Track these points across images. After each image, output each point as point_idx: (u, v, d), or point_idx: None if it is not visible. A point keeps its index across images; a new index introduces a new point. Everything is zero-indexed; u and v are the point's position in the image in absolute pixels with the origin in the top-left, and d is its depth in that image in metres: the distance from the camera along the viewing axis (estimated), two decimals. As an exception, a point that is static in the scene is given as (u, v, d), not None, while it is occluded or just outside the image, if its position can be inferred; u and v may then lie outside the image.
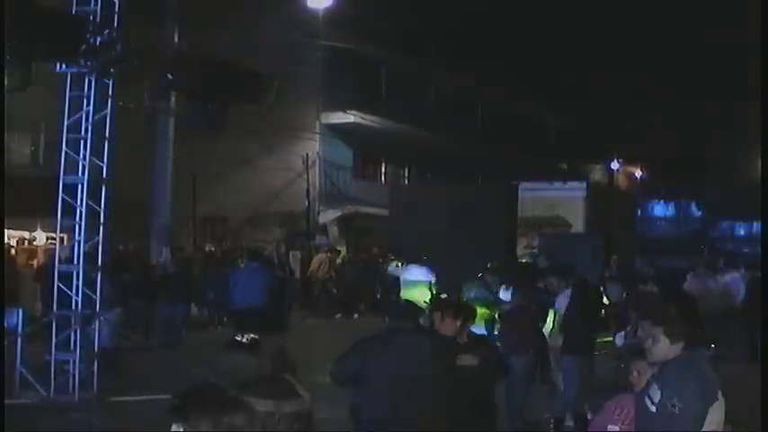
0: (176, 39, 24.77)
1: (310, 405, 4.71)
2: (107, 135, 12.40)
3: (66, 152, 12.31)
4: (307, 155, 32.59)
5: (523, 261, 22.36)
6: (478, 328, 11.25)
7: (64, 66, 11.99)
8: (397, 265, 20.73)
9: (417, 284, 16.03)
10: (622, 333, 10.31)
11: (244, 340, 4.82)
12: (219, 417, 2.89)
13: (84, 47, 11.24)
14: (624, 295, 12.05)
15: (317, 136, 33.38)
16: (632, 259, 25.03)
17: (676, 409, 4.99)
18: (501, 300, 13.32)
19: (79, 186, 12.24)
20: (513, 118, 43.88)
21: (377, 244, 28.89)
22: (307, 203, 31.75)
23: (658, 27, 48.75)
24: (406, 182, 39.30)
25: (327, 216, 32.91)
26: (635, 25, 48.15)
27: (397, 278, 18.45)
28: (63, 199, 12.23)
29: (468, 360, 7.35)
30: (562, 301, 11.34)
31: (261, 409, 4.46)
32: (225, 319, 20.85)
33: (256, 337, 4.89)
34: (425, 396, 6.29)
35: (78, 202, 12.21)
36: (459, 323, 7.61)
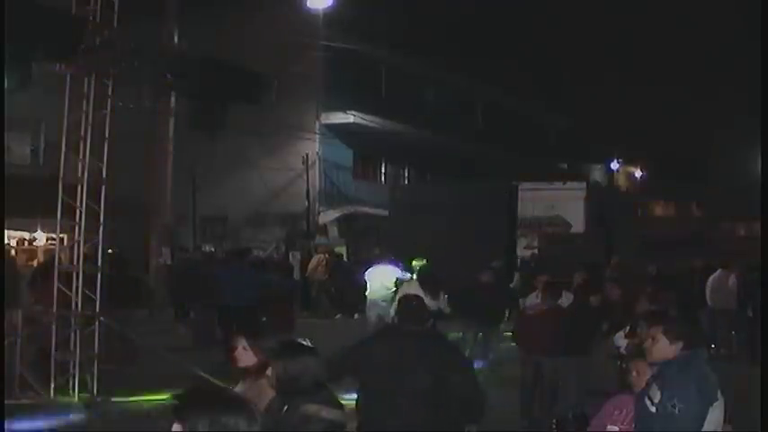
0: (176, 39, 24.79)
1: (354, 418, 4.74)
2: (107, 135, 12.39)
3: (65, 152, 12.30)
4: (306, 155, 32.59)
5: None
6: None
7: (64, 66, 11.98)
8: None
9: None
10: (621, 333, 10.30)
11: (307, 343, 4.84)
12: (217, 417, 2.90)
13: (84, 47, 11.23)
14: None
15: (317, 136, 33.36)
16: (632, 259, 25.01)
17: (676, 409, 4.99)
18: None
19: (79, 186, 12.23)
20: (514, 118, 43.86)
21: (377, 244, 28.88)
22: (306, 204, 31.75)
23: (659, 27, 48.76)
24: (406, 182, 39.28)
25: (327, 216, 32.89)
26: (636, 25, 48.16)
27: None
28: (63, 199, 12.22)
29: None
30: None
31: (328, 417, 4.52)
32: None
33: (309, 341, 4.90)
34: (438, 400, 6.13)
35: (78, 203, 12.20)
36: None
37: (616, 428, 5.88)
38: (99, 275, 12.51)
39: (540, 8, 41.84)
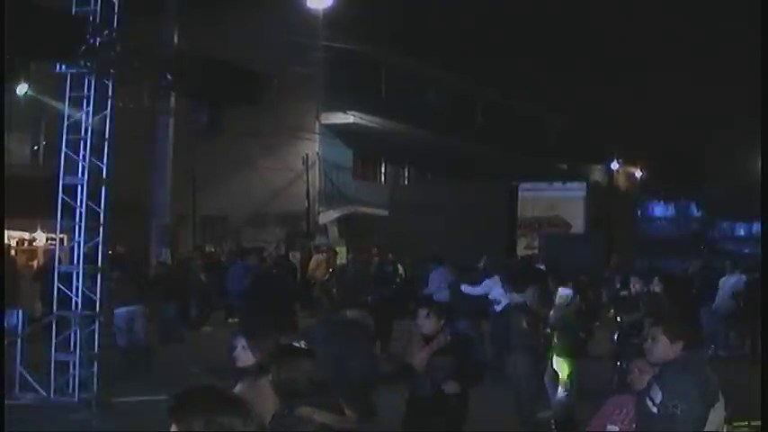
0: (176, 39, 24.78)
1: (355, 424, 4.71)
2: (107, 135, 12.39)
3: (65, 152, 12.29)
4: (306, 155, 32.57)
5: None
6: None
7: (64, 66, 11.97)
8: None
9: None
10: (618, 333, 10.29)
11: (302, 346, 4.83)
12: (213, 417, 2.89)
13: (84, 47, 11.22)
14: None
15: (317, 136, 33.35)
16: (632, 259, 25.01)
17: (678, 409, 4.98)
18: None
19: (79, 187, 12.22)
20: (513, 118, 43.86)
21: (376, 244, 28.88)
22: (306, 204, 31.74)
23: (659, 26, 48.77)
24: (406, 182, 39.27)
25: (327, 216, 32.88)
26: (635, 25, 48.18)
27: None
28: (63, 200, 12.21)
29: (452, 388, 7.41)
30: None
31: (320, 420, 4.50)
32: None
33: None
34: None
35: (78, 203, 12.20)
36: (441, 322, 7.63)
37: (616, 428, 5.87)
38: (99, 276, 12.51)
39: (539, 8, 41.85)
